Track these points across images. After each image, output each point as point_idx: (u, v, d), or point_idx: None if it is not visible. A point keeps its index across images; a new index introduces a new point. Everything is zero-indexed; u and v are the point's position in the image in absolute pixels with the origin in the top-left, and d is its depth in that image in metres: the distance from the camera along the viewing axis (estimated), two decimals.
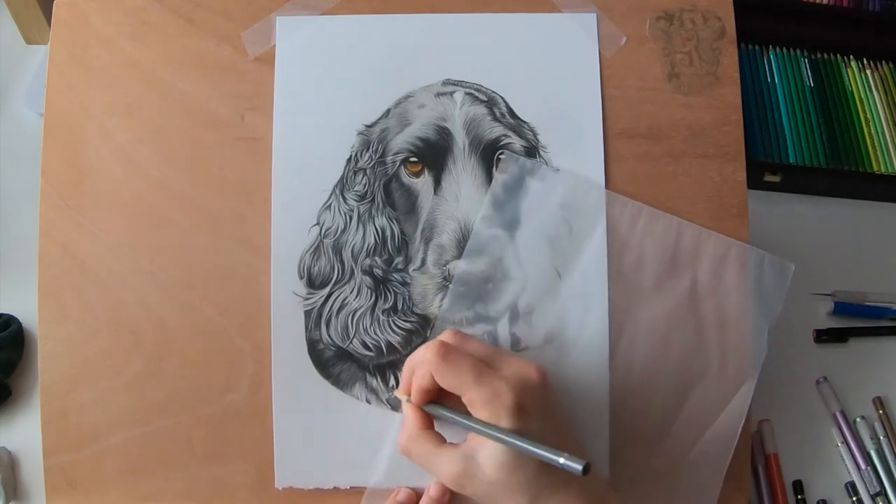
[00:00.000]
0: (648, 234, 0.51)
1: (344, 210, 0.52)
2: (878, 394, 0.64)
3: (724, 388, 0.51)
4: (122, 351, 0.51)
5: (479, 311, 0.51)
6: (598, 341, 0.51)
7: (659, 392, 0.51)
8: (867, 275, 0.69)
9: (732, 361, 0.51)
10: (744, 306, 0.51)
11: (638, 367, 0.51)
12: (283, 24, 0.54)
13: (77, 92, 0.53)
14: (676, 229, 0.51)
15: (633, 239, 0.51)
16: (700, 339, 0.51)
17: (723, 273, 0.52)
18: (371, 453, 0.50)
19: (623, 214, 0.51)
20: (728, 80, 0.54)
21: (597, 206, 0.52)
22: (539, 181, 0.52)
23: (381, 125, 0.53)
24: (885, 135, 0.74)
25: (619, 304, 0.51)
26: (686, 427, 0.50)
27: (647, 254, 0.51)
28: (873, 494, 0.60)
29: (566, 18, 0.54)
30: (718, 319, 0.51)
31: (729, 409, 0.51)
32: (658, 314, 0.51)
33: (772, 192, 0.73)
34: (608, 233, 0.51)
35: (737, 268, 0.52)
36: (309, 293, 0.51)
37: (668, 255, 0.51)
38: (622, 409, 0.50)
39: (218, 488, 0.51)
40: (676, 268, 0.51)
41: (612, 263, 0.51)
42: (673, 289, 0.51)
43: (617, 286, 0.51)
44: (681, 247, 0.51)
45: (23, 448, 0.60)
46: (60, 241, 0.52)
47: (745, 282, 0.52)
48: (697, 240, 0.51)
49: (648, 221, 0.51)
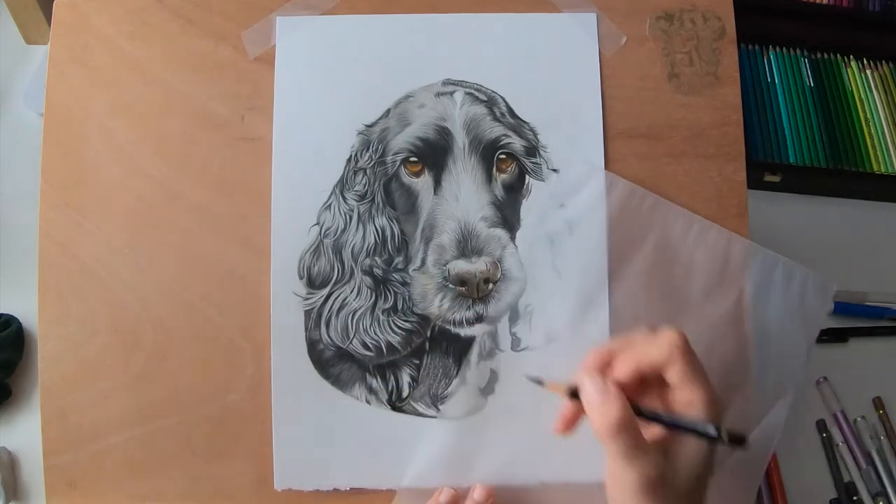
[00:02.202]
0: (700, 245, 0.51)
1: (344, 210, 0.52)
2: (878, 394, 0.64)
3: (761, 403, 0.51)
4: (122, 351, 0.51)
5: (480, 310, 0.51)
6: (598, 341, 0.51)
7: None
8: (867, 275, 0.69)
9: (771, 376, 0.51)
10: (786, 323, 0.51)
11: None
12: (283, 24, 0.54)
13: (77, 92, 0.53)
14: (727, 241, 0.51)
15: (684, 249, 0.51)
16: (741, 353, 0.51)
17: (769, 288, 0.52)
18: (371, 454, 0.50)
19: (676, 223, 0.51)
20: (728, 80, 0.54)
21: (597, 207, 0.51)
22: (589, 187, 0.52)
23: (381, 125, 0.53)
24: (885, 135, 0.74)
25: (664, 313, 0.51)
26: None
27: (696, 264, 0.51)
28: (873, 494, 0.60)
29: (566, 18, 0.54)
30: (761, 334, 0.51)
31: (764, 424, 0.51)
32: (703, 326, 0.51)
33: (772, 192, 0.73)
34: (662, 242, 0.51)
35: (782, 284, 0.52)
36: (309, 293, 0.51)
37: (717, 268, 0.51)
38: None
39: (218, 488, 0.51)
40: (725, 281, 0.51)
41: (662, 273, 0.51)
42: (720, 301, 0.51)
43: (663, 295, 0.51)
44: (731, 259, 0.51)
45: (23, 448, 0.60)
46: (60, 241, 0.52)
47: (790, 298, 0.52)
48: (746, 253, 0.51)
49: (701, 232, 0.51)
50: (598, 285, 0.51)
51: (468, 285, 0.51)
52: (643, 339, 0.42)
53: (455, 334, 0.51)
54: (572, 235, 0.52)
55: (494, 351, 0.51)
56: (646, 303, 0.51)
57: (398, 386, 0.51)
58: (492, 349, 0.51)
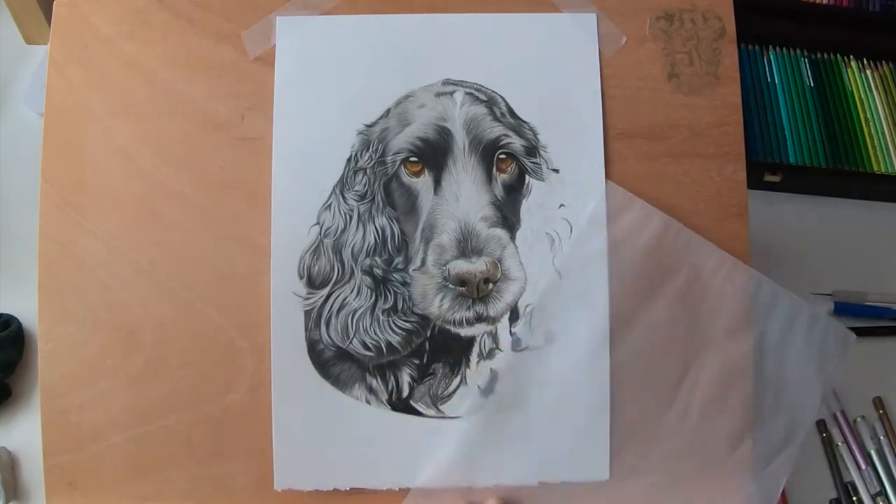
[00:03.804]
0: (728, 284, 0.51)
1: (344, 210, 0.52)
2: (878, 394, 0.64)
3: (770, 445, 0.51)
4: (122, 351, 0.51)
5: (480, 311, 0.51)
6: (599, 341, 0.51)
7: (709, 443, 0.51)
8: (867, 275, 0.69)
9: (782, 420, 0.52)
10: (804, 369, 0.52)
11: (696, 413, 0.51)
12: (283, 24, 0.54)
13: (77, 92, 0.53)
14: (756, 283, 0.51)
15: (712, 287, 0.51)
16: (758, 395, 0.51)
17: (791, 333, 0.52)
18: (371, 454, 0.50)
19: (708, 260, 0.51)
20: (728, 80, 0.54)
21: (597, 206, 0.52)
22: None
23: (381, 125, 0.53)
24: (885, 135, 0.74)
25: (689, 349, 0.51)
26: (728, 474, 0.51)
27: (724, 305, 0.51)
28: (873, 494, 0.60)
29: (566, 18, 0.54)
30: (777, 378, 0.52)
31: (771, 468, 0.51)
32: (722, 364, 0.51)
33: (772, 192, 0.73)
34: (692, 278, 0.51)
35: (804, 330, 0.52)
36: (309, 293, 0.51)
37: (743, 309, 0.51)
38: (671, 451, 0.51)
39: (218, 488, 0.51)
40: (750, 322, 0.51)
41: (688, 308, 0.51)
42: (742, 343, 0.51)
43: (687, 329, 0.51)
44: (758, 302, 0.52)
45: (23, 448, 0.60)
46: (60, 241, 0.52)
47: (811, 346, 0.52)
48: (773, 297, 0.52)
49: (731, 270, 0.51)
50: (598, 285, 0.51)
51: (468, 285, 0.51)
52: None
53: (455, 334, 0.51)
54: (573, 235, 0.52)
55: (494, 351, 0.51)
56: (670, 336, 0.51)
57: (398, 386, 0.51)
58: (492, 349, 0.51)
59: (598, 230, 0.51)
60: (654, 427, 0.51)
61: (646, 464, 0.51)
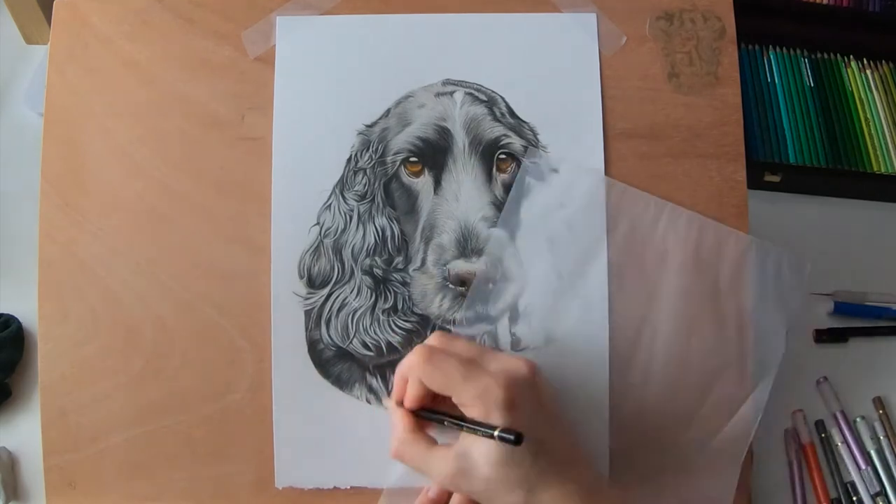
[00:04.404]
0: (672, 232, 0.51)
1: (344, 210, 0.52)
2: (878, 394, 0.64)
3: (741, 388, 0.51)
4: (122, 351, 0.51)
5: (479, 311, 0.51)
6: (599, 341, 0.51)
7: (680, 391, 0.51)
8: (867, 275, 0.69)
9: (750, 361, 0.51)
10: (762, 305, 0.51)
11: (659, 368, 0.51)
12: (283, 24, 0.54)
13: (77, 92, 0.53)
14: (699, 227, 0.51)
15: (655, 236, 0.51)
16: (720, 339, 0.51)
17: (743, 271, 0.52)
18: (371, 453, 0.50)
19: (647, 211, 0.51)
20: (728, 80, 0.54)
21: (597, 205, 0.52)
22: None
23: (381, 125, 0.53)
24: (885, 135, 0.74)
25: (640, 302, 0.51)
26: (703, 425, 0.51)
27: (670, 252, 0.51)
28: (873, 494, 0.60)
29: (566, 18, 0.54)
30: (738, 319, 0.51)
31: (744, 409, 0.51)
32: (680, 313, 0.51)
33: (772, 192, 0.73)
34: (631, 230, 0.51)
35: (757, 266, 0.52)
36: (309, 293, 0.51)
37: (690, 254, 0.51)
38: (641, 409, 0.50)
39: (218, 488, 0.51)
40: (699, 267, 0.51)
41: (634, 261, 0.51)
42: (695, 288, 0.51)
43: (638, 285, 0.51)
44: (704, 245, 0.51)
45: (23, 448, 0.60)
46: (60, 241, 0.52)
47: (765, 280, 0.52)
48: (719, 237, 0.51)
49: (671, 219, 0.51)
50: (598, 285, 0.51)
51: (468, 285, 0.51)
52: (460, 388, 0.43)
53: (455, 334, 0.51)
54: (572, 235, 0.52)
55: None
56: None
57: None
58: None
59: (597, 216, 0.51)
60: (656, 425, 0.51)
61: (647, 463, 0.51)
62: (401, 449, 0.46)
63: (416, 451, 0.45)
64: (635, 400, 0.50)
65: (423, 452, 0.45)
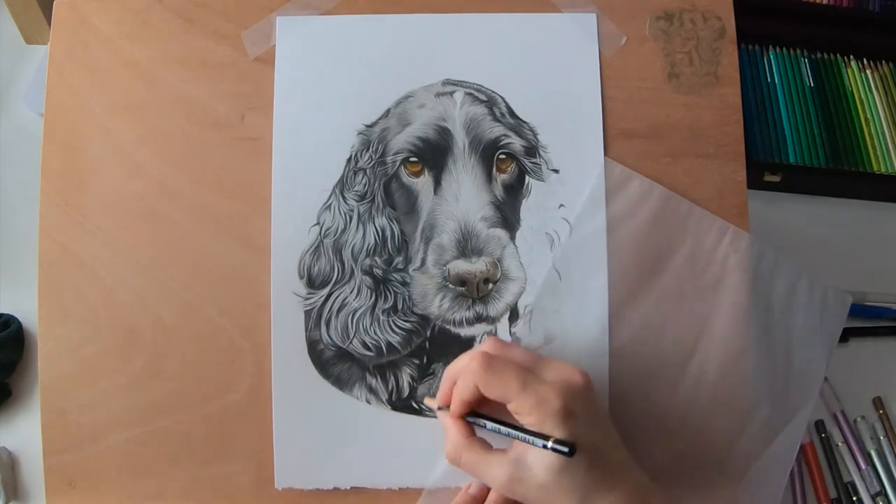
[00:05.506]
0: (734, 253, 0.51)
1: (344, 210, 0.52)
2: (878, 394, 0.64)
3: (784, 411, 0.52)
4: (122, 350, 0.51)
5: (479, 311, 0.51)
6: (598, 341, 0.51)
7: (724, 412, 0.51)
8: (867, 275, 0.69)
9: (794, 384, 0.52)
10: (810, 332, 0.53)
11: (706, 391, 0.51)
12: (283, 24, 0.54)
13: (77, 92, 0.53)
14: (759, 252, 0.52)
15: (715, 258, 0.51)
16: (769, 362, 0.52)
17: (794, 298, 0.53)
18: (371, 453, 0.50)
19: (709, 233, 0.51)
20: (728, 80, 0.54)
21: (598, 206, 0.52)
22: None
23: (381, 125, 0.53)
24: (885, 135, 0.74)
25: (696, 322, 0.51)
26: (747, 444, 0.51)
27: (728, 275, 0.51)
28: (873, 494, 0.60)
29: (566, 18, 0.54)
30: (786, 343, 0.52)
31: (787, 432, 0.51)
32: (727, 332, 0.51)
33: (772, 192, 0.73)
34: (692, 251, 0.51)
35: (805, 293, 0.53)
36: (309, 293, 0.51)
37: (746, 278, 0.52)
38: (688, 422, 0.51)
39: (218, 488, 0.51)
40: (756, 290, 0.52)
41: (692, 281, 0.51)
42: (749, 311, 0.51)
43: (695, 305, 0.51)
44: (759, 270, 0.52)
45: (23, 448, 0.60)
46: (60, 241, 0.52)
47: (813, 308, 0.53)
48: (774, 263, 0.52)
49: (734, 240, 0.51)
50: (598, 285, 0.51)
51: (468, 285, 0.51)
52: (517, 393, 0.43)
53: (455, 334, 0.51)
54: (572, 235, 0.52)
55: None
56: (676, 313, 0.51)
57: (398, 386, 0.51)
58: None
59: (597, 209, 0.51)
60: (659, 421, 0.51)
61: (649, 462, 0.51)
62: (457, 454, 0.46)
63: (472, 456, 0.45)
64: (686, 413, 0.51)
65: (480, 457, 0.45)
